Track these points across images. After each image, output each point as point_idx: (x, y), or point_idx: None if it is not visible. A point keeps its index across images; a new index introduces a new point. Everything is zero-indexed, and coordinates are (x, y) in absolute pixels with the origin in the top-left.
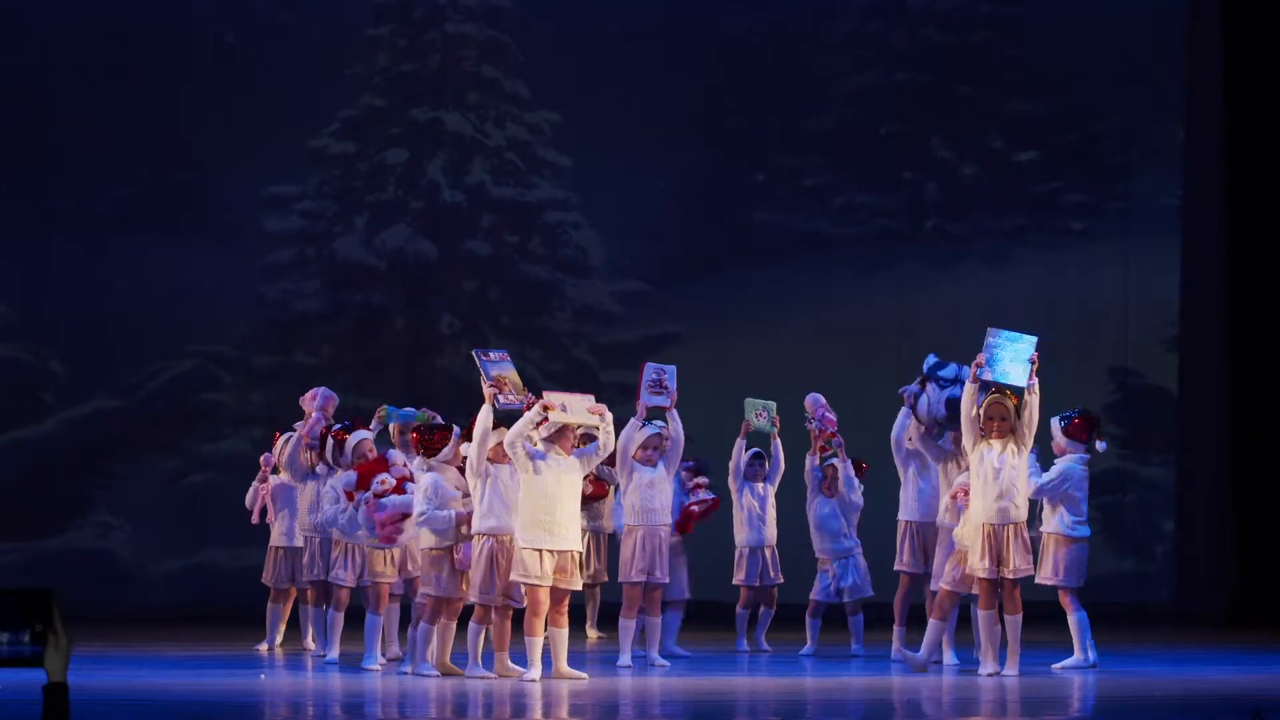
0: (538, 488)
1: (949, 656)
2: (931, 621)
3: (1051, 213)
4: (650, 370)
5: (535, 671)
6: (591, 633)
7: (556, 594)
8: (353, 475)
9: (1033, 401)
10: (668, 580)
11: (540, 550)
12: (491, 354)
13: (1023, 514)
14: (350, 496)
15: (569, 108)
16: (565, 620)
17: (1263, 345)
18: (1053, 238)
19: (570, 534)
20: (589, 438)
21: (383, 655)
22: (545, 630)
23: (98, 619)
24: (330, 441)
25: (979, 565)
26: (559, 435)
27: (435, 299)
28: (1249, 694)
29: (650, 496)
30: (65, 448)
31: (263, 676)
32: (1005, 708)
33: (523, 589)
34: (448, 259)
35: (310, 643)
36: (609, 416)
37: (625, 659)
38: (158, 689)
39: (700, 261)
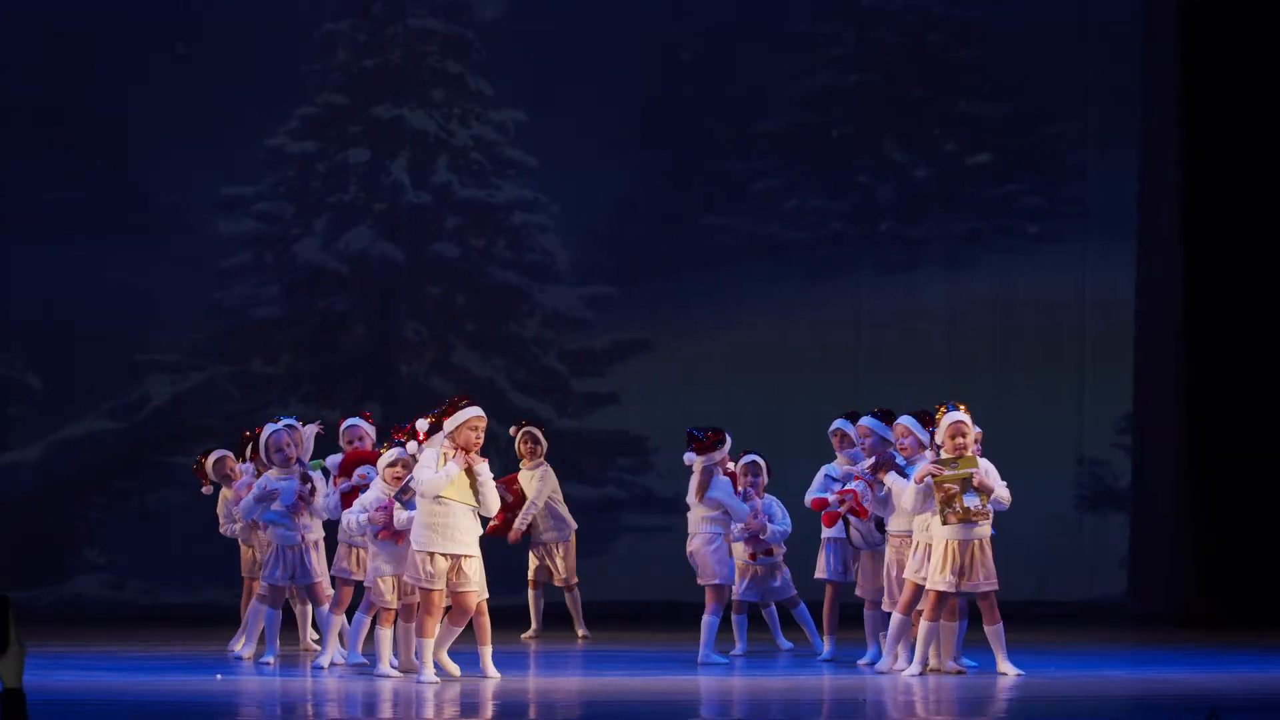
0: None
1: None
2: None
3: (1007, 216)
4: None
5: (428, 673)
6: (579, 632)
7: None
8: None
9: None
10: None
11: (432, 553)
12: None
13: (986, 530)
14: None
15: (534, 106)
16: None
17: (1220, 347)
18: (1008, 240)
19: (466, 539)
20: None
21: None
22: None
23: (63, 620)
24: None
25: (939, 578)
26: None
27: (399, 304)
28: (1205, 694)
29: None
30: (36, 472)
31: (219, 677)
32: (957, 707)
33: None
34: (412, 262)
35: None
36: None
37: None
38: (120, 689)
39: (667, 265)
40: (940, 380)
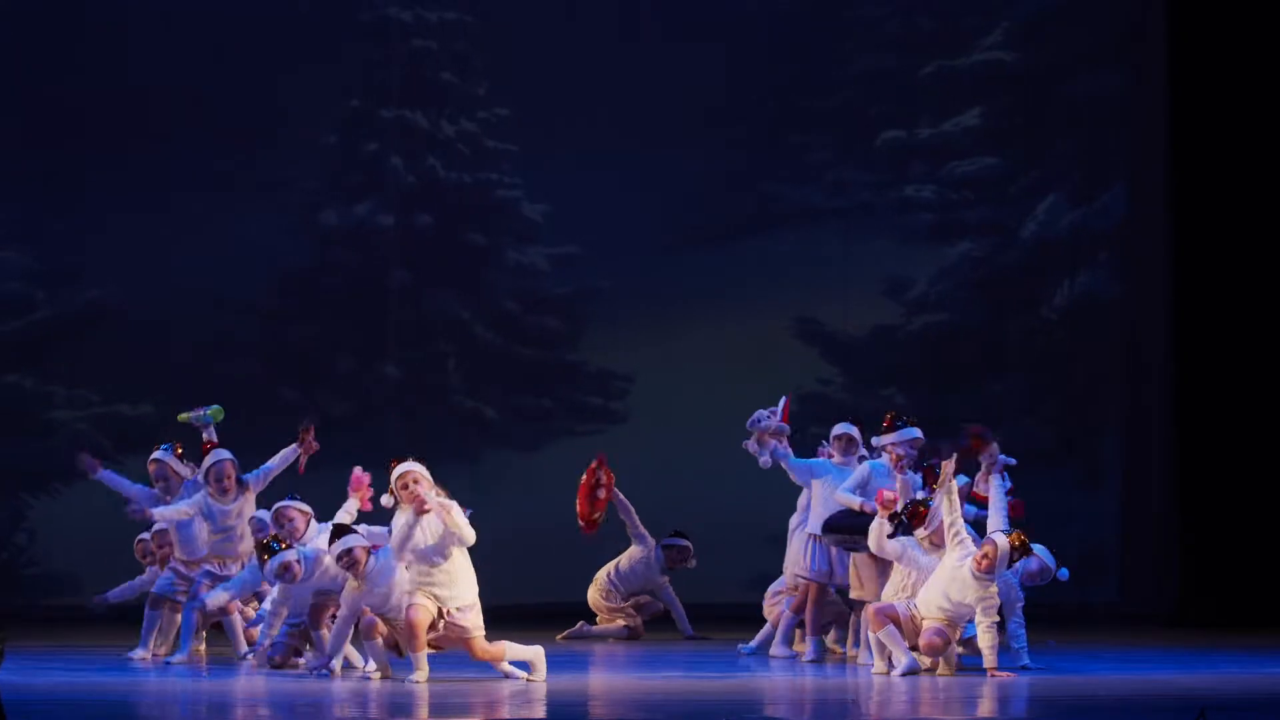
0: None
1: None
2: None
3: (996, 220)
4: None
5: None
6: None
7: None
8: None
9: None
10: None
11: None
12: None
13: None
14: None
15: (521, 103)
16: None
17: (1207, 347)
18: (995, 244)
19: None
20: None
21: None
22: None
23: (41, 619)
24: None
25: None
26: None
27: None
28: (1195, 694)
29: None
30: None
31: (206, 675)
32: (948, 707)
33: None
34: (405, 277)
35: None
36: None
37: None
38: (98, 690)
39: (652, 262)
40: (935, 380)
